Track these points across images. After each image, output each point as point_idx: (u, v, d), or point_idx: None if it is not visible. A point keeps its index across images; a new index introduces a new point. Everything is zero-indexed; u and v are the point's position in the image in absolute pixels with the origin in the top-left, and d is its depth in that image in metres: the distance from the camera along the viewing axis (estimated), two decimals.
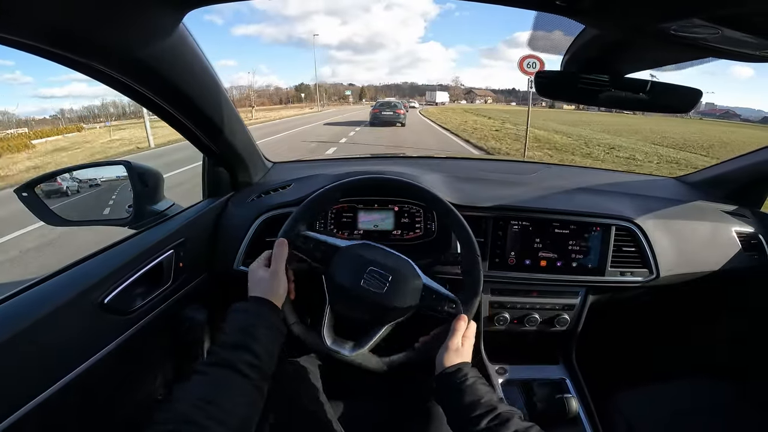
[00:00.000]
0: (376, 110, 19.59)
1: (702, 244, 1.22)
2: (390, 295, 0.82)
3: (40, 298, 0.71)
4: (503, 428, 0.65)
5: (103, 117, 74.67)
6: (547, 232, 1.17)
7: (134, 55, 0.65)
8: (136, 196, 1.05)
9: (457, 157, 2.11)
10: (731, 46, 0.60)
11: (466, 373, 0.75)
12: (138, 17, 0.59)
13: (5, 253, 3.99)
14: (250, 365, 0.64)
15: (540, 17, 0.71)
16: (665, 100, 0.84)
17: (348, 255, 0.86)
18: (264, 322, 0.72)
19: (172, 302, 1.00)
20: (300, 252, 0.86)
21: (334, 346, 0.85)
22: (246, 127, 1.14)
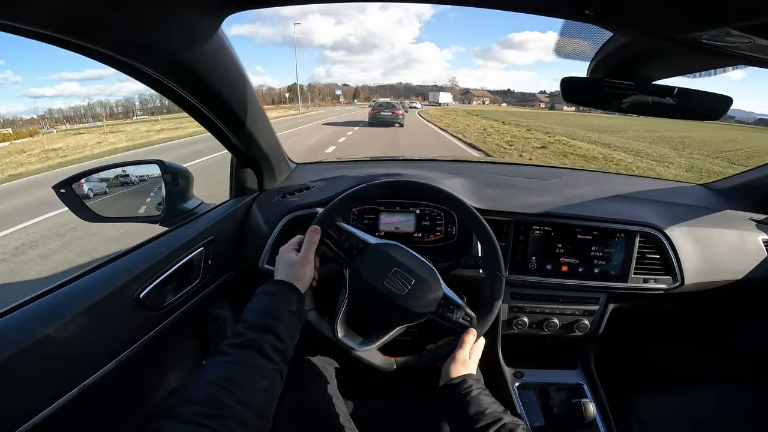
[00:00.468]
0: (375, 111, 19.60)
1: (728, 252, 1.21)
2: (409, 298, 0.84)
3: (81, 292, 0.74)
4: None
5: (90, 117, 75.48)
6: (569, 238, 1.17)
7: (176, 56, 0.67)
8: (168, 194, 1.08)
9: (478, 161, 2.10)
10: (762, 54, 0.60)
11: (471, 385, 0.77)
12: (181, 19, 0.62)
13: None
14: (275, 348, 0.64)
15: (568, 25, 0.72)
16: (693, 106, 0.83)
17: (377, 252, 0.88)
18: (289, 306, 0.72)
19: (200, 299, 1.02)
20: (330, 241, 0.88)
21: (345, 339, 0.87)
22: (273, 129, 1.17)
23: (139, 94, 47.33)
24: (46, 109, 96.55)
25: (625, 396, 1.23)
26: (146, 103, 46.72)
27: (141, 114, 53.81)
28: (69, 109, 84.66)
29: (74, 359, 0.69)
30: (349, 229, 0.90)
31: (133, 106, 62.71)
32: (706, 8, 0.48)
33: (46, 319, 0.65)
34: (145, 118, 40.51)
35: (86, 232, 4.17)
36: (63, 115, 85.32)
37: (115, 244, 3.73)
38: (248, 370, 0.60)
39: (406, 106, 49.48)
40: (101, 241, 3.95)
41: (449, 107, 71.62)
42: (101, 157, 12.41)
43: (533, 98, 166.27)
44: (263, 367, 0.61)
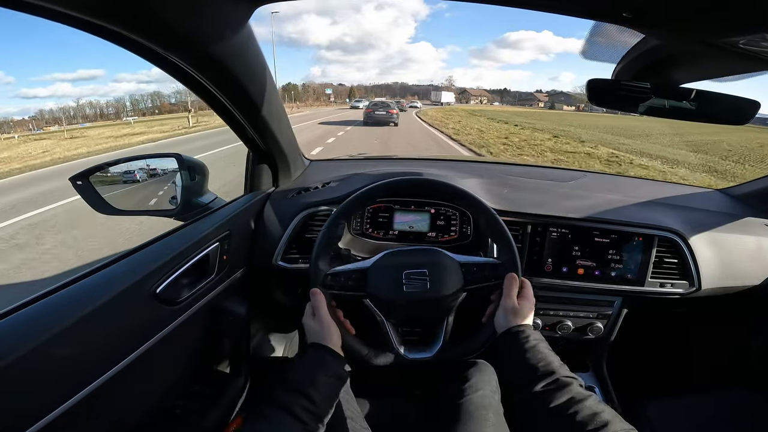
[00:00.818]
0: (369, 110, 20.22)
1: (745, 257, 1.19)
2: (435, 288, 0.83)
3: (98, 286, 0.73)
4: (560, 393, 0.64)
5: (80, 118, 74.90)
6: (586, 241, 1.16)
7: (205, 46, 0.67)
8: (184, 189, 1.08)
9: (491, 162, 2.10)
10: None
11: (528, 335, 0.75)
12: (212, 10, 0.61)
13: None
14: (307, 411, 0.67)
15: (597, 26, 0.71)
16: (719, 111, 0.82)
17: (379, 270, 0.87)
18: (324, 369, 0.74)
19: (215, 295, 1.02)
20: (334, 290, 0.87)
21: (414, 355, 0.86)
22: (290, 126, 1.17)
23: (129, 95, 47.15)
24: (37, 109, 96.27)
25: (637, 399, 1.22)
26: (137, 104, 46.14)
27: (132, 115, 53.64)
28: (58, 110, 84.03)
29: (93, 354, 0.69)
30: (342, 269, 0.89)
31: (123, 106, 62.23)
32: (745, 12, 0.47)
33: (63, 314, 0.65)
34: (136, 119, 39.85)
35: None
36: (53, 116, 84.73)
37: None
38: (277, 428, 0.64)
39: (405, 105, 48.85)
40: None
41: (450, 107, 70.35)
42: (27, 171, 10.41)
43: (531, 97, 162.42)
44: (292, 428, 0.65)
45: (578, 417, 0.59)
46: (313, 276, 0.87)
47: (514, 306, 0.80)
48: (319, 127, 19.13)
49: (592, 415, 0.59)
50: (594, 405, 0.61)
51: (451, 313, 0.87)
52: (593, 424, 0.58)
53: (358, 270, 0.88)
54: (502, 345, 0.77)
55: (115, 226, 4.12)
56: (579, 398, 0.62)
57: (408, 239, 1.26)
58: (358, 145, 12.38)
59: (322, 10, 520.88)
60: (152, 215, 1.10)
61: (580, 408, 0.61)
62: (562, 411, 0.62)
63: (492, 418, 0.90)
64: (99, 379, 0.68)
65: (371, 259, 0.90)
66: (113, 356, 0.72)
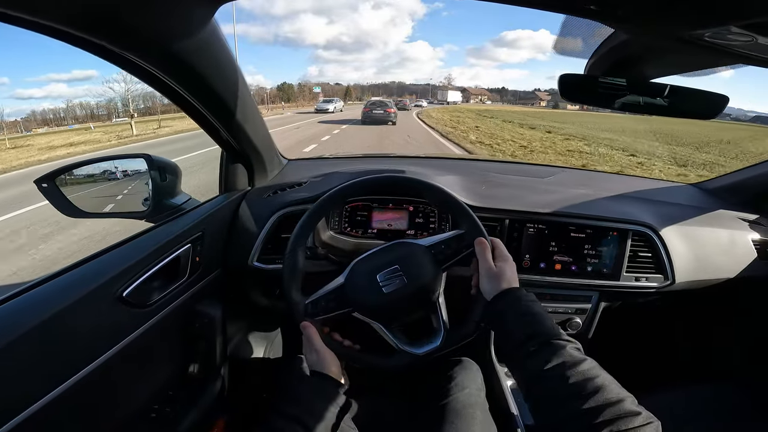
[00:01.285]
0: (367, 109, 20.54)
1: (718, 251, 1.22)
2: (412, 279, 0.82)
3: (62, 289, 0.72)
4: (553, 357, 0.61)
5: (71, 119, 72.87)
6: (563, 236, 1.17)
7: (167, 47, 0.65)
8: (155, 190, 1.05)
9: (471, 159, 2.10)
10: (763, 53, 0.59)
11: (518, 297, 0.72)
12: (173, 8, 0.59)
13: None
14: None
15: (568, 21, 0.71)
16: (689, 105, 0.83)
17: (354, 281, 0.86)
18: (324, 398, 0.73)
19: (188, 297, 1.00)
20: (320, 316, 0.84)
21: (425, 349, 0.84)
22: (265, 124, 1.15)
23: (121, 96, 45.20)
24: (30, 110, 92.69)
25: None
26: (128, 105, 44.66)
27: (123, 116, 52.14)
28: (48, 111, 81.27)
29: (55, 359, 0.67)
30: (320, 294, 0.86)
31: (115, 107, 59.65)
32: (710, 5, 0.47)
33: (23, 319, 0.63)
34: (125, 120, 38.23)
35: None
36: (43, 118, 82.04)
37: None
38: None
39: (408, 104, 48.37)
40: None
41: (455, 106, 67.68)
42: None
43: (533, 96, 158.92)
44: None
45: (571, 380, 0.58)
46: (294, 310, 0.85)
47: (491, 268, 0.78)
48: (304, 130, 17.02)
49: (586, 379, 0.57)
50: (588, 369, 0.59)
51: (440, 297, 0.85)
52: (587, 389, 0.56)
53: (335, 289, 0.86)
54: (492, 311, 0.74)
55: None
56: (572, 362, 0.60)
57: (387, 237, 1.25)
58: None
59: (319, 9, 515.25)
60: (122, 217, 1.08)
61: (573, 372, 0.58)
62: (555, 374, 0.59)
63: (479, 416, 0.90)
64: (64, 384, 0.67)
65: (343, 274, 0.88)
66: (79, 360, 0.70)
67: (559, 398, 0.58)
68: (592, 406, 0.54)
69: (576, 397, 0.55)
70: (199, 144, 10.82)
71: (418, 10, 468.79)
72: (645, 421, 0.52)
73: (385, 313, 0.84)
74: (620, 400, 0.54)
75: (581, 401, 0.55)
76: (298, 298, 0.86)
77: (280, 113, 39.07)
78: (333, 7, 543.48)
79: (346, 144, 12.51)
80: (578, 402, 0.55)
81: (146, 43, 0.62)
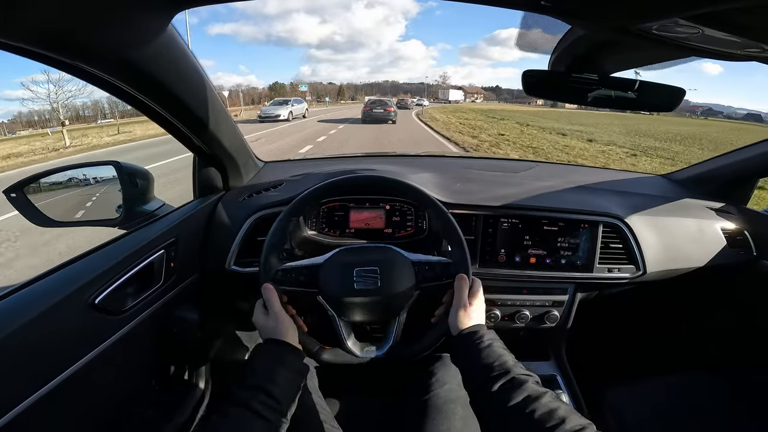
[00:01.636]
0: (367, 108, 20.56)
1: (688, 240, 1.24)
2: (386, 285, 0.83)
3: (31, 299, 0.71)
4: (517, 392, 0.63)
5: (54, 121, 71.23)
6: (536, 230, 1.18)
7: (123, 57, 0.64)
8: (125, 197, 1.04)
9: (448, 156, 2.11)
10: (713, 46, 0.60)
11: (482, 335, 0.75)
12: (127, 18, 0.59)
13: None
14: (269, 407, 0.65)
15: (527, 17, 0.72)
16: (651, 98, 0.85)
17: (331, 267, 0.86)
18: (284, 364, 0.73)
19: (164, 302, 0.99)
20: (286, 285, 0.85)
21: (365, 354, 0.85)
22: (237, 127, 1.14)
23: (108, 97, 43.85)
24: (17, 112, 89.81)
25: (597, 386, 1.25)
26: (116, 106, 43.29)
27: (109, 117, 50.74)
28: (34, 113, 78.98)
29: (26, 369, 0.66)
30: (294, 265, 0.88)
31: (101, 108, 58.06)
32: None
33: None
34: (111, 122, 36.82)
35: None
36: (28, 120, 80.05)
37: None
38: (243, 429, 0.62)
39: (409, 103, 47.96)
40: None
41: (457, 105, 66.05)
42: None
43: (529, 96, 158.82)
44: (258, 426, 0.63)
45: (536, 415, 0.60)
46: (264, 271, 0.86)
47: (465, 306, 0.80)
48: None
49: (549, 411, 0.59)
50: (550, 402, 0.62)
51: (403, 311, 0.86)
52: (551, 421, 0.58)
53: (310, 266, 0.87)
54: (457, 347, 0.77)
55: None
56: (535, 395, 0.62)
57: (364, 236, 1.25)
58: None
59: (312, 8, 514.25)
60: (94, 225, 1.06)
61: (537, 406, 0.61)
62: (520, 410, 0.62)
63: (460, 411, 0.91)
64: (38, 392, 0.66)
65: (324, 256, 0.89)
66: (52, 369, 0.70)
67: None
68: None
69: (542, 430, 0.58)
70: (157, 155, 9.46)
71: (411, 8, 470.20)
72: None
73: (346, 307, 0.85)
74: (583, 428, 0.57)
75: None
76: (273, 262, 0.87)
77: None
78: (326, 7, 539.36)
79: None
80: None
81: (101, 54, 0.62)
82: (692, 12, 0.47)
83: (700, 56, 0.66)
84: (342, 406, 1.05)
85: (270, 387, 0.68)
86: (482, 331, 0.76)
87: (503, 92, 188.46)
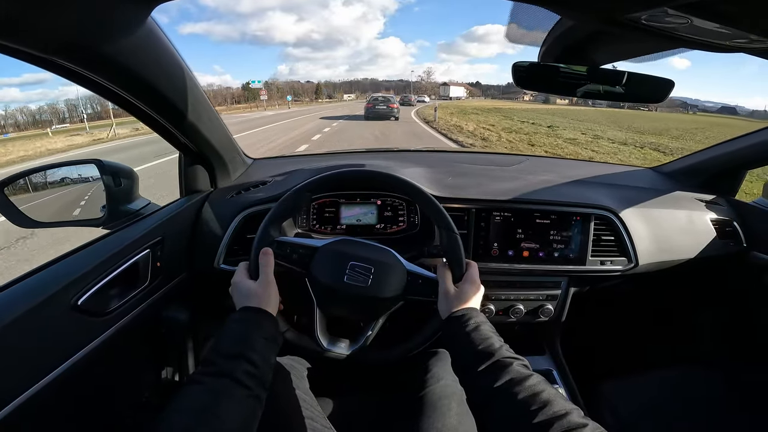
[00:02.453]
0: (370, 104, 20.40)
1: (678, 232, 1.24)
2: (375, 287, 0.82)
3: (10, 302, 0.69)
4: (501, 374, 0.63)
5: (9, 126, 68.95)
6: (528, 223, 1.18)
7: (102, 52, 0.63)
8: (109, 196, 1.02)
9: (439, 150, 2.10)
10: (702, 36, 0.60)
11: (469, 318, 0.74)
12: (105, 12, 0.57)
13: None
14: (250, 375, 0.63)
15: (517, 8, 0.71)
16: (640, 91, 0.85)
17: (327, 253, 0.85)
18: (262, 332, 0.71)
19: (151, 303, 0.98)
20: (278, 258, 0.84)
21: (331, 347, 0.85)
22: (224, 123, 1.12)
23: (65, 100, 42.60)
24: None
25: (593, 380, 1.25)
26: (74, 110, 41.48)
27: (68, 122, 48.71)
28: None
29: (7, 373, 0.65)
30: (292, 240, 0.87)
31: (57, 112, 55.02)
32: None
33: None
34: (66, 127, 35.16)
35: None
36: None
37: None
38: (224, 398, 0.59)
39: (412, 100, 47.05)
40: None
41: (461, 103, 62.92)
42: None
43: (517, 90, 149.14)
44: (239, 395, 0.61)
45: (519, 397, 0.59)
46: (262, 238, 0.84)
47: (449, 291, 0.80)
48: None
49: (533, 394, 0.59)
50: (535, 385, 0.61)
51: (382, 317, 0.86)
52: (535, 404, 0.57)
53: (307, 246, 0.86)
54: (445, 332, 0.76)
55: None
56: (519, 378, 0.62)
57: (356, 233, 1.24)
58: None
59: (288, 6, 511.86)
60: (77, 225, 1.04)
61: (521, 389, 0.60)
62: (503, 392, 0.61)
63: (455, 407, 0.90)
64: (21, 396, 0.65)
65: (323, 240, 0.88)
66: (35, 372, 0.68)
67: (509, 415, 0.59)
68: (541, 420, 0.55)
69: (525, 413, 0.57)
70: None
71: (389, 5, 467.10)
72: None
73: (330, 297, 0.84)
74: (567, 413, 0.55)
75: (530, 416, 0.56)
76: (273, 233, 0.86)
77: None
78: (303, 4, 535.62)
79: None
80: (528, 417, 0.56)
81: (78, 49, 0.60)
82: (681, 1, 0.46)
83: (689, 47, 0.66)
84: (335, 405, 1.04)
85: (252, 355, 0.66)
86: (470, 314, 0.75)
87: (491, 88, 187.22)
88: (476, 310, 0.77)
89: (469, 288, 0.81)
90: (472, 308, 0.77)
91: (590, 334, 1.53)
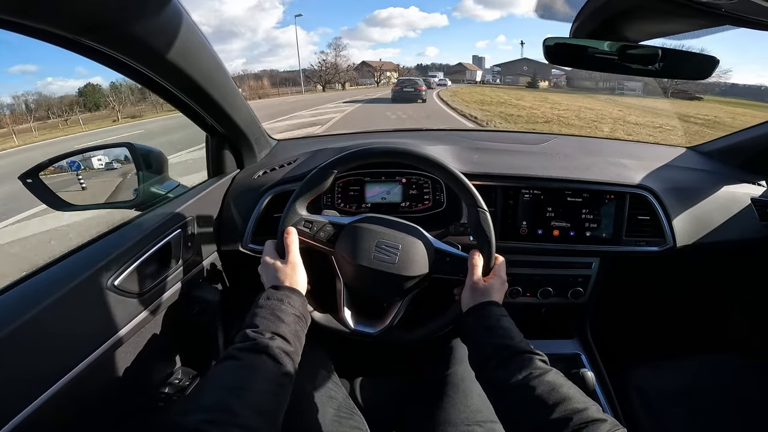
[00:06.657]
0: (398, 87, 20.00)
1: (718, 213, 1.19)
2: (403, 265, 0.81)
3: (50, 283, 0.71)
4: (520, 368, 0.62)
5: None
6: (559, 201, 1.14)
7: (129, 31, 0.63)
8: (141, 178, 1.04)
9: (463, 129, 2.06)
10: (750, 14, 0.56)
11: (489, 311, 0.74)
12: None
13: None
14: (284, 351, 0.64)
15: None
16: (679, 67, 0.80)
17: (354, 231, 0.84)
18: (293, 309, 0.71)
19: (184, 283, 1.00)
20: (304, 237, 0.84)
21: (359, 327, 0.85)
22: (248, 104, 1.12)
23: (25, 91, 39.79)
24: None
25: (622, 365, 1.22)
26: (40, 106, 37.14)
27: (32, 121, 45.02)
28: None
29: (48, 356, 0.67)
30: (318, 218, 0.86)
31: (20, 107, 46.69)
32: None
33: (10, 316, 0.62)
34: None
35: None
36: None
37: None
38: (259, 374, 0.59)
39: (432, 83, 45.96)
40: None
41: (465, 87, 62.74)
42: None
43: (461, 69, 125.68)
44: (273, 371, 0.61)
45: (537, 392, 0.58)
46: (289, 217, 0.84)
47: (477, 282, 0.79)
48: None
49: (551, 390, 0.58)
50: (553, 380, 0.60)
51: (408, 295, 0.85)
52: (552, 399, 0.57)
53: (334, 224, 0.86)
54: (465, 324, 0.76)
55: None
56: (538, 373, 0.61)
57: (381, 211, 1.24)
58: None
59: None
60: (111, 207, 1.07)
61: (539, 383, 0.59)
62: (521, 386, 0.60)
63: (477, 389, 0.89)
64: (60, 381, 0.67)
65: (350, 218, 0.88)
66: (76, 354, 0.71)
67: (526, 409, 0.59)
68: (559, 416, 0.54)
69: (543, 408, 0.56)
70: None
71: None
72: (611, 428, 0.52)
73: (356, 275, 0.83)
74: (585, 408, 0.55)
75: (548, 411, 0.56)
76: (300, 210, 0.85)
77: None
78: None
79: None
80: (545, 412, 0.56)
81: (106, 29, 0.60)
82: None
83: (735, 25, 0.62)
84: (357, 386, 1.05)
85: (285, 332, 0.66)
86: (491, 307, 0.75)
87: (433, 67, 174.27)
88: (497, 304, 0.77)
89: (495, 282, 0.80)
90: (494, 302, 0.77)
91: (620, 317, 1.50)
